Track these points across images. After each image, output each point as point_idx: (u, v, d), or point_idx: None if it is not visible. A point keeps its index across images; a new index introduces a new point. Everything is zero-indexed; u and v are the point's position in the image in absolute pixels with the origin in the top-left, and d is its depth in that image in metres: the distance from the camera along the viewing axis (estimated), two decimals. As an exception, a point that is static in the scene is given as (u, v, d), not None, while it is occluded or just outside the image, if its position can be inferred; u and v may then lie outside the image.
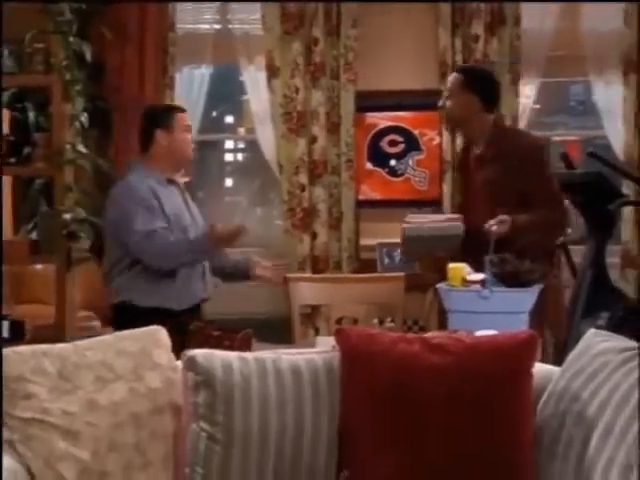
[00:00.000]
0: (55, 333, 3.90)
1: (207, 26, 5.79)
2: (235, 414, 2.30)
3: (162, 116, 3.80)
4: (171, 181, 3.82)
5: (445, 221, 3.75)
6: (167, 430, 2.36)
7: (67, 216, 4.00)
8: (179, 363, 2.42)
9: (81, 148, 4.07)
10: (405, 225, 3.74)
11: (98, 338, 2.46)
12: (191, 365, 2.35)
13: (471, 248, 3.51)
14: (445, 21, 5.58)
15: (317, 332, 5.25)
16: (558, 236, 3.91)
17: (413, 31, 5.67)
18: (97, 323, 4.70)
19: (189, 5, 5.74)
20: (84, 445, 2.22)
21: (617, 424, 2.10)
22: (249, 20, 5.70)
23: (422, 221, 3.77)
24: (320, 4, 5.57)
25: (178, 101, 5.65)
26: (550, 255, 3.53)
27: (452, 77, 3.78)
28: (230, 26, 5.75)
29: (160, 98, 5.57)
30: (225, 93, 6.22)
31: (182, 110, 3.93)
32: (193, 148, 3.97)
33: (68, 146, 4.03)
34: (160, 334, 2.49)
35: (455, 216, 3.79)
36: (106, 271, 3.77)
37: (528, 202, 3.55)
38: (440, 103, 3.77)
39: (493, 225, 3.44)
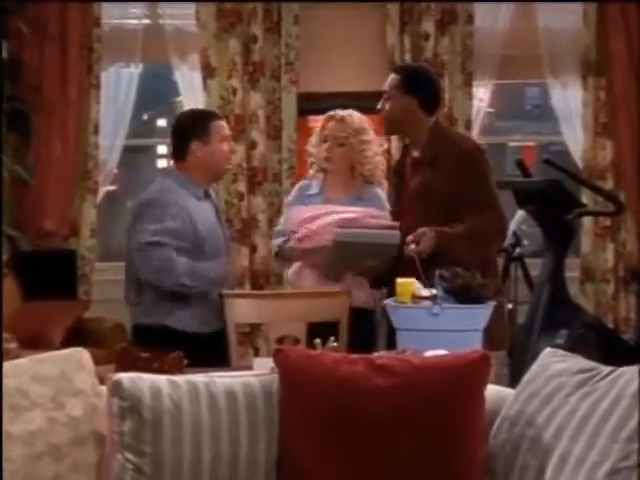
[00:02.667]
0: (-33, 357, 3.82)
1: (135, 21, 5.75)
2: (164, 443, 2.28)
3: (198, 126, 3.74)
4: (207, 195, 3.80)
5: (381, 228, 3.70)
6: (89, 461, 2.33)
7: (-20, 228, 3.94)
8: (103, 388, 2.39)
9: (-5, 154, 4.02)
10: (337, 230, 3.67)
11: (12, 362, 2.42)
12: (116, 390, 2.32)
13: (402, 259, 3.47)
14: (393, 19, 5.62)
15: (257, 352, 5.24)
16: (497, 245, 3.89)
17: (359, 29, 5.71)
18: (14, 345, 4.61)
19: (116, -2, 5.71)
20: (-5, 480, 2.18)
21: (573, 453, 2.11)
22: (181, 15, 5.67)
23: (355, 226, 3.70)
24: (259, -1, 5.58)
25: (105, 102, 5.61)
26: (489, 266, 3.49)
27: (389, 78, 3.77)
28: (161, 21, 5.72)
29: (85, 99, 5.53)
30: (156, 94, 6.19)
31: (219, 117, 3.91)
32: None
33: (-19, 151, 3.97)
34: (82, 356, 2.44)
35: (393, 223, 3.74)
36: (128, 289, 3.72)
37: (465, 208, 3.53)
38: (379, 106, 3.76)
39: (412, 243, 3.40)
